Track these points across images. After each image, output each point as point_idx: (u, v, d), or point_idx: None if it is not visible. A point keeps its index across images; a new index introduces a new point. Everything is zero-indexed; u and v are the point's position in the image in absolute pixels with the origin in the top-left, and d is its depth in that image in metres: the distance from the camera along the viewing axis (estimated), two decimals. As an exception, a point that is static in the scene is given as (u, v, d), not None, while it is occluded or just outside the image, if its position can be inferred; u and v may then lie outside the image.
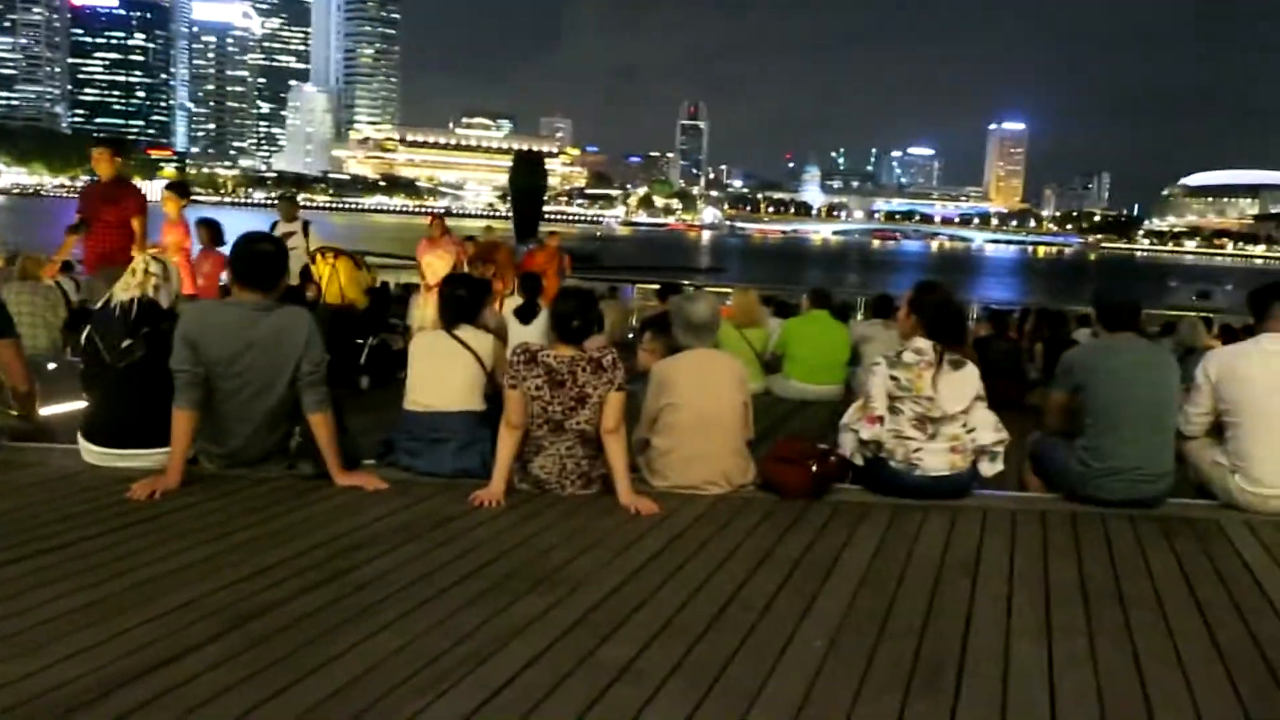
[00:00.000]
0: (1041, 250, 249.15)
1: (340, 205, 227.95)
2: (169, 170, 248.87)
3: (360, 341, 8.66)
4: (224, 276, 8.71)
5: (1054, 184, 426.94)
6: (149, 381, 4.42)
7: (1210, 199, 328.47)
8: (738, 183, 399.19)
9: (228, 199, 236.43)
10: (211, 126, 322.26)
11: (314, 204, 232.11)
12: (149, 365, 4.50)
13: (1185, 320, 12.83)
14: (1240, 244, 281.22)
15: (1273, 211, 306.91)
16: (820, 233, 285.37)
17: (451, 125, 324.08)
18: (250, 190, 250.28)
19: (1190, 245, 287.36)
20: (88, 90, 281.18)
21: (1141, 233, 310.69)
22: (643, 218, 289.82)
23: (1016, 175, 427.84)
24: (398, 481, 4.58)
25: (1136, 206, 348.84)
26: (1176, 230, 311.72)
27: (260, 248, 4.49)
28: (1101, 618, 3.25)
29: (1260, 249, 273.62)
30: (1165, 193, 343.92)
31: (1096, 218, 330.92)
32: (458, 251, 11.95)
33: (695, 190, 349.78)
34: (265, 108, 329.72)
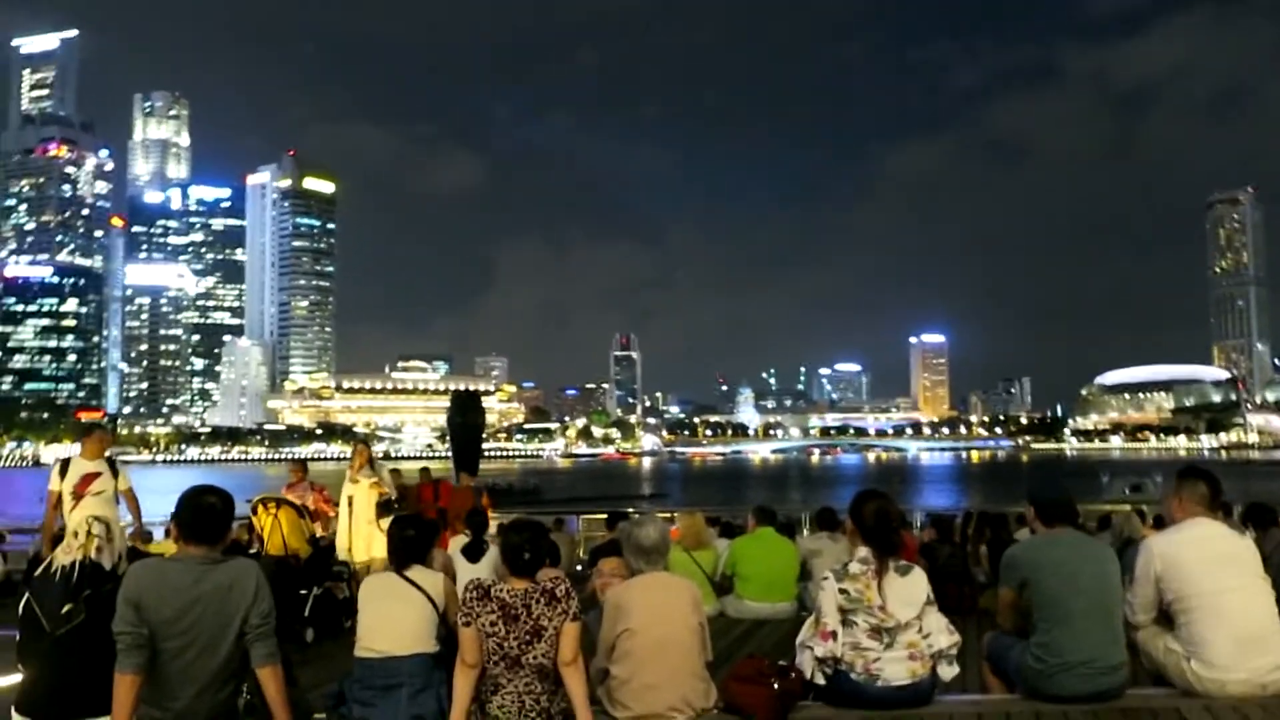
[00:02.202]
0: (975, 455, 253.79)
1: (276, 456, 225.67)
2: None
3: (304, 592, 8.49)
4: None
5: (979, 390, 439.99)
6: (90, 647, 4.31)
7: (1127, 395, 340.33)
8: (674, 408, 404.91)
9: (160, 457, 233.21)
10: (144, 386, 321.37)
11: (249, 456, 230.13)
12: (90, 630, 4.39)
13: (1120, 513, 13.12)
14: (1162, 437, 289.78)
15: (1187, 404, 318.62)
16: (759, 452, 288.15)
17: (387, 370, 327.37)
18: (183, 446, 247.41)
19: (1115, 441, 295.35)
20: (18, 357, 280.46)
21: (1068, 432, 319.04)
22: (582, 449, 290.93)
23: (942, 385, 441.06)
24: (351, 734, 4.43)
25: (1059, 407, 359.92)
26: (1100, 428, 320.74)
27: (206, 500, 4.49)
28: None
29: (1182, 440, 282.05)
30: (1084, 392, 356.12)
31: (1023, 420, 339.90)
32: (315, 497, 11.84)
33: (632, 418, 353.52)
34: (199, 364, 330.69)
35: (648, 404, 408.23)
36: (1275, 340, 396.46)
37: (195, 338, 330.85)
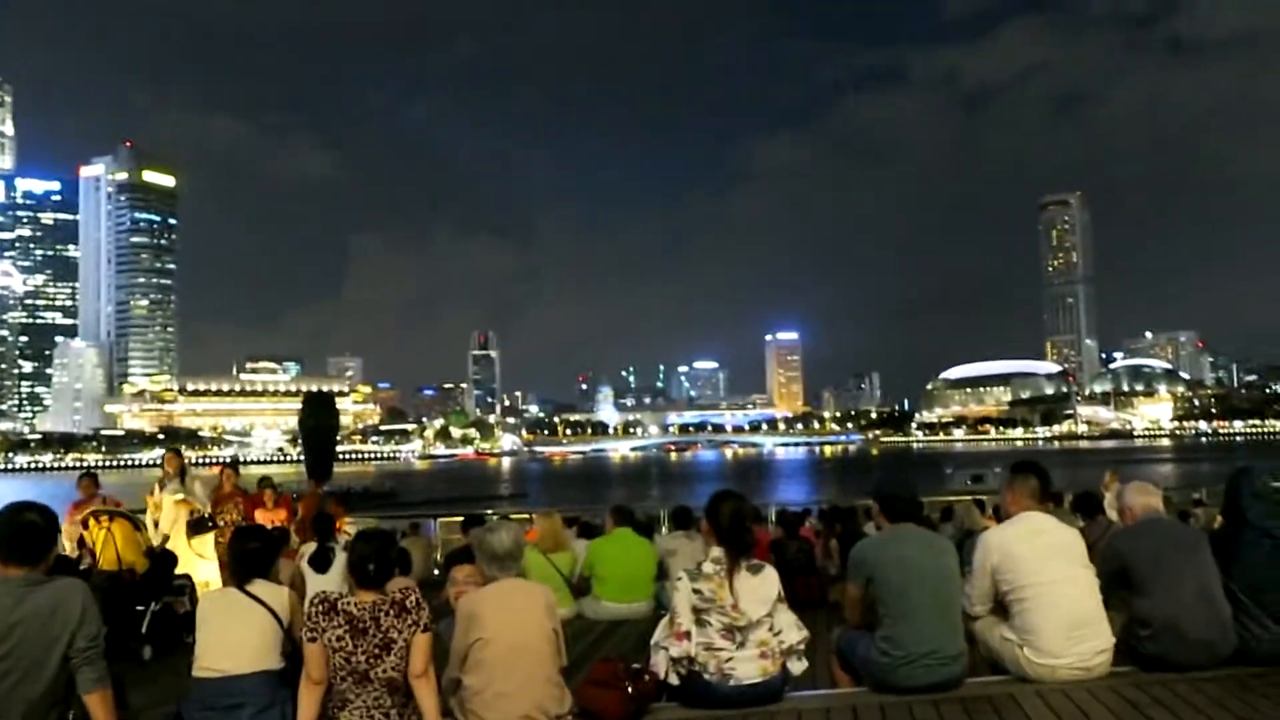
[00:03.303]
0: (828, 450, 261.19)
1: (115, 463, 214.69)
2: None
3: (141, 608, 8.08)
4: None
5: (831, 386, 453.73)
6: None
7: (969, 389, 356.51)
8: (533, 408, 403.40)
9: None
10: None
11: (85, 464, 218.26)
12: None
13: (961, 504, 13.69)
14: (1001, 429, 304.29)
15: (1024, 397, 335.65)
16: (619, 450, 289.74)
17: (235, 371, 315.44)
18: (11, 455, 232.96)
19: (959, 434, 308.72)
20: None
21: (915, 425, 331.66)
22: (441, 450, 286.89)
23: (796, 381, 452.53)
24: (188, 759, 4.23)
25: (906, 402, 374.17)
26: (944, 421, 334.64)
27: (25, 518, 4.20)
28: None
29: (1019, 432, 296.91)
30: (929, 387, 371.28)
31: (873, 415, 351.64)
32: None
33: (492, 418, 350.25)
34: (28, 367, 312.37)
35: (507, 403, 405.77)
36: (1103, 335, 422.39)
37: (23, 339, 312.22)
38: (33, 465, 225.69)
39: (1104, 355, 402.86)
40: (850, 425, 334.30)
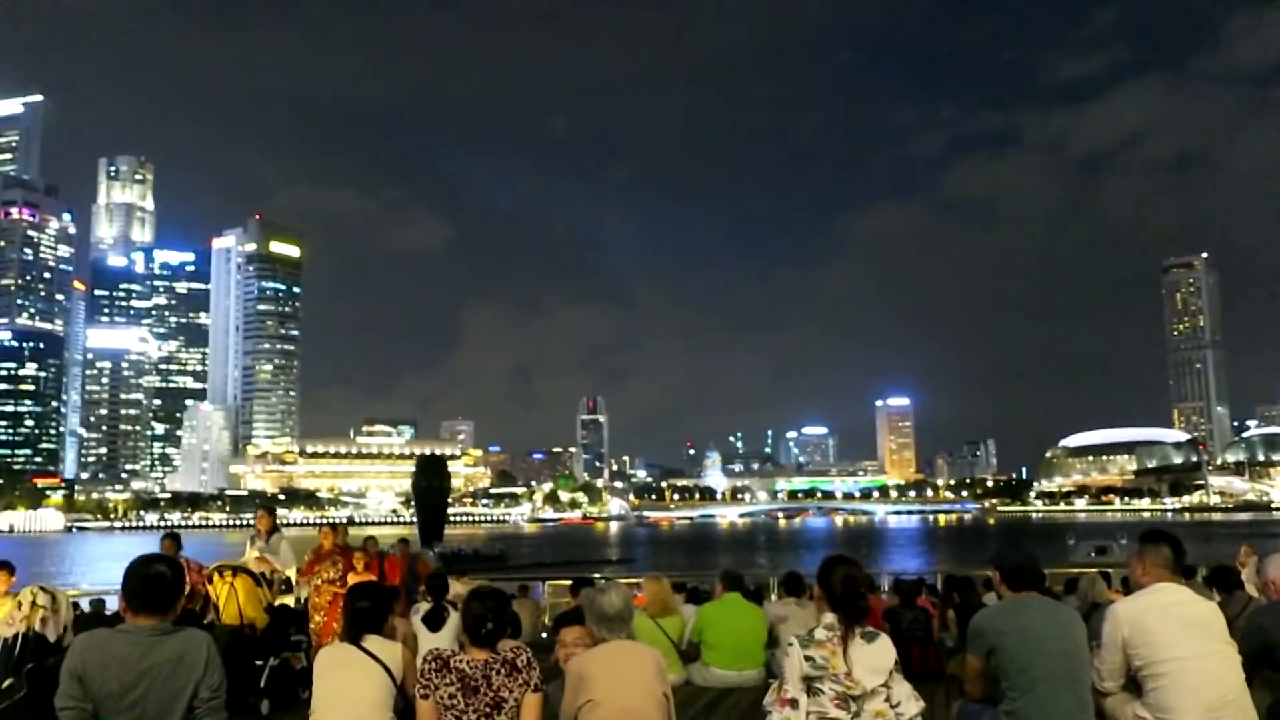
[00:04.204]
0: (942, 518, 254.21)
1: (238, 523, 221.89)
2: (55, 498, 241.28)
3: (260, 663, 8.26)
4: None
5: (944, 453, 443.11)
6: (32, 723, 4.14)
7: (1090, 458, 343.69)
8: (641, 472, 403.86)
9: (118, 523, 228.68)
10: (103, 450, 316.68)
11: (210, 523, 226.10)
12: (32, 705, 4.23)
13: (1086, 576, 13.10)
14: (1126, 499, 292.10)
15: (1150, 466, 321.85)
16: (727, 516, 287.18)
17: (352, 434, 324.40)
18: (143, 513, 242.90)
19: (1080, 503, 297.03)
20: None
21: (1033, 494, 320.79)
22: (549, 513, 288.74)
23: (908, 447, 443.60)
24: (303, 813, 4.28)
25: (1024, 470, 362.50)
26: (1065, 490, 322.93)
27: (155, 570, 4.35)
28: None
29: (1145, 502, 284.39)
30: (1049, 455, 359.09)
31: (989, 483, 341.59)
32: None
33: (599, 482, 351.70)
34: (160, 429, 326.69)
35: (615, 468, 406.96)
36: (1234, 402, 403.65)
37: (156, 402, 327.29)
38: (162, 523, 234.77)
39: (1236, 423, 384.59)
40: (965, 493, 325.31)
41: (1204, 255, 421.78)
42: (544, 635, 13.40)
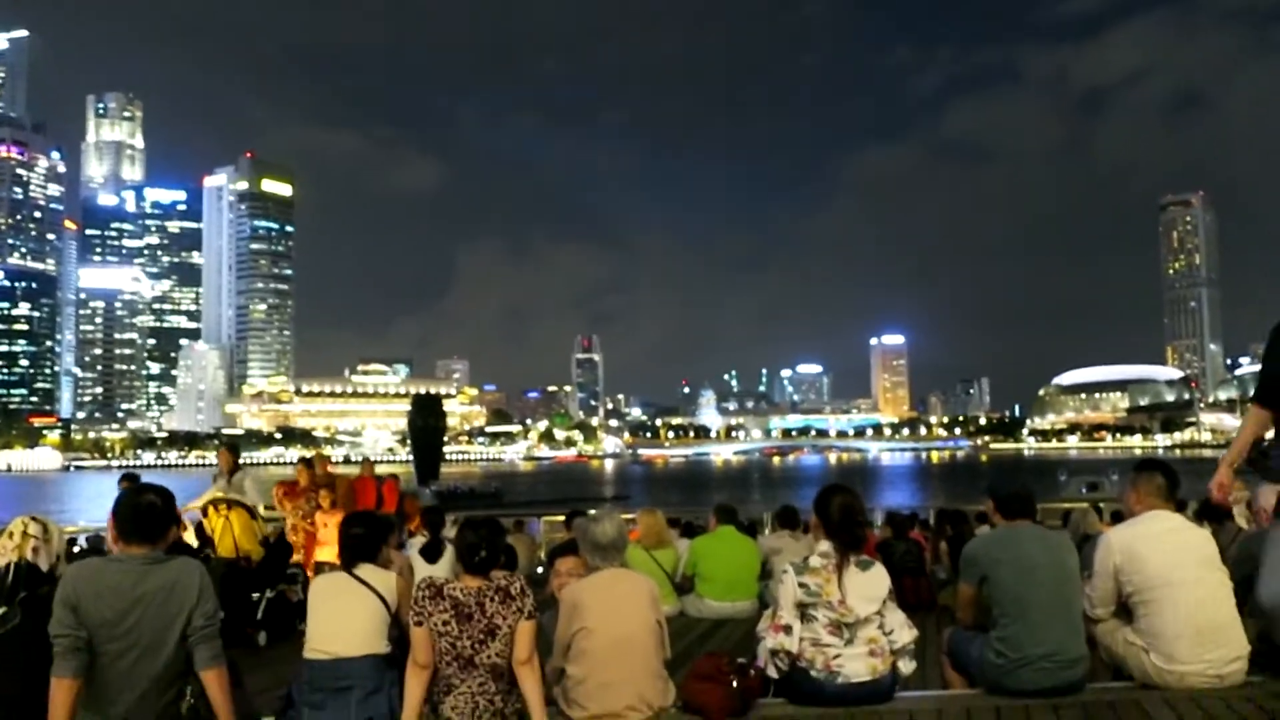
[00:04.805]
0: (935, 455, 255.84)
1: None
2: (52, 438, 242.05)
3: (256, 595, 8.31)
4: None
5: (938, 391, 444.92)
6: (26, 652, 4.14)
7: (1084, 395, 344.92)
8: (636, 411, 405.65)
9: (115, 462, 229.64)
10: (99, 390, 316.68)
11: (206, 461, 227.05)
12: (26, 634, 4.22)
13: (1078, 509, 13.18)
14: (1118, 436, 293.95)
15: (1142, 404, 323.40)
16: (721, 454, 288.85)
17: (347, 373, 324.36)
18: (139, 452, 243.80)
19: (1072, 440, 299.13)
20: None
21: (1026, 432, 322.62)
22: (544, 451, 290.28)
23: (902, 385, 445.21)
24: (299, 738, 4.31)
25: (1017, 407, 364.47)
26: (1058, 427, 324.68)
27: (146, 498, 4.33)
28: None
29: (1137, 439, 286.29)
30: (1041, 393, 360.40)
31: (982, 421, 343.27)
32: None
33: (595, 421, 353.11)
34: (155, 368, 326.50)
35: (610, 406, 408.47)
36: (1227, 340, 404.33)
37: (151, 341, 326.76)
38: (159, 462, 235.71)
39: (1229, 361, 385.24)
40: (958, 431, 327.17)
41: (1200, 193, 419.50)
42: (540, 570, 13.49)
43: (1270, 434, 4.13)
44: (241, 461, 10.99)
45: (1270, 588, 3.71)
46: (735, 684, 4.55)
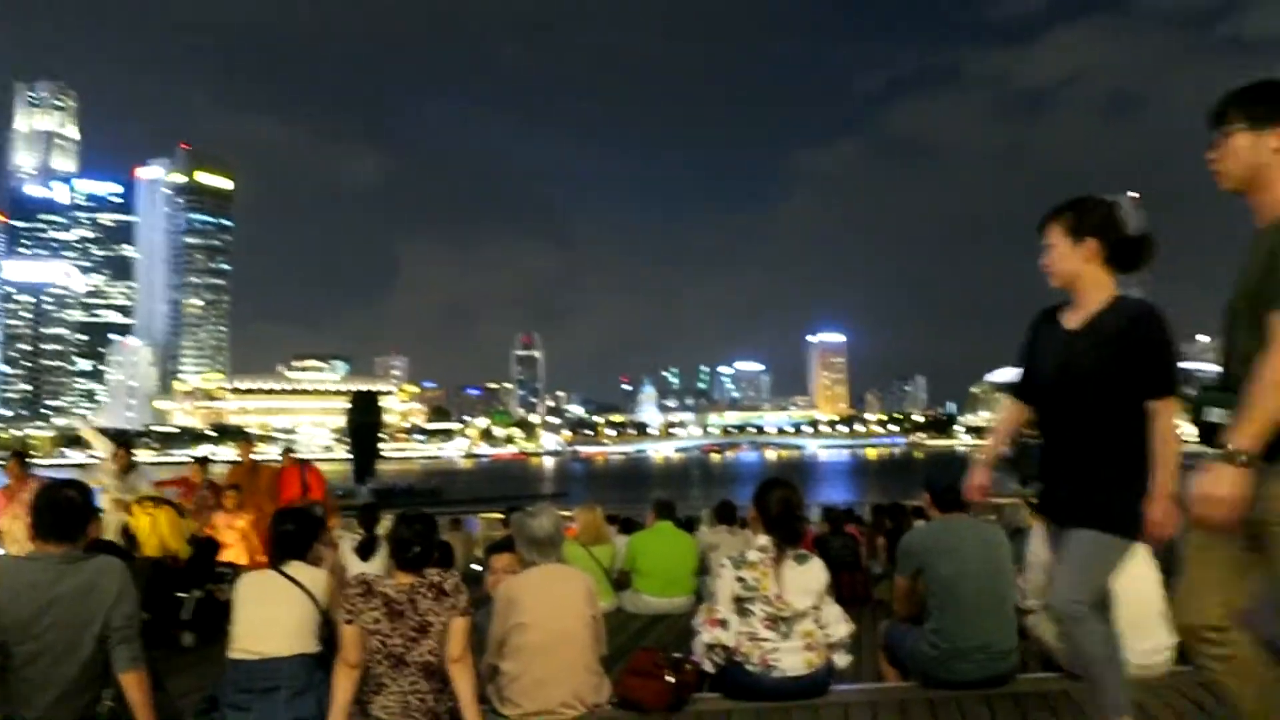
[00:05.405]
0: (872, 452, 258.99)
1: (167, 460, 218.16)
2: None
3: (183, 594, 8.09)
4: None
5: (875, 389, 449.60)
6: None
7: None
8: (576, 408, 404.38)
9: (42, 461, 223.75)
10: (26, 387, 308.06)
11: (137, 460, 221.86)
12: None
13: (1010, 504, 13.39)
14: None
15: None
16: (661, 451, 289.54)
17: (284, 370, 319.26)
18: (66, 450, 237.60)
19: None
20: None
21: (961, 429, 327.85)
22: (484, 449, 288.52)
23: (840, 383, 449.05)
24: (224, 740, 4.19)
25: (954, 405, 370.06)
26: (991, 424, 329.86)
27: (64, 495, 4.18)
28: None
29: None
30: (975, 390, 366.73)
31: (917, 418, 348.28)
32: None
33: (535, 418, 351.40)
34: (85, 364, 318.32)
35: (550, 404, 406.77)
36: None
37: (81, 337, 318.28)
38: (87, 461, 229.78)
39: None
40: (894, 428, 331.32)
41: (1131, 194, 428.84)
42: (476, 567, 13.36)
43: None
44: (135, 460, 10.89)
45: (1061, 594, 3.62)
46: (671, 679, 4.52)
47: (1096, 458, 3.47)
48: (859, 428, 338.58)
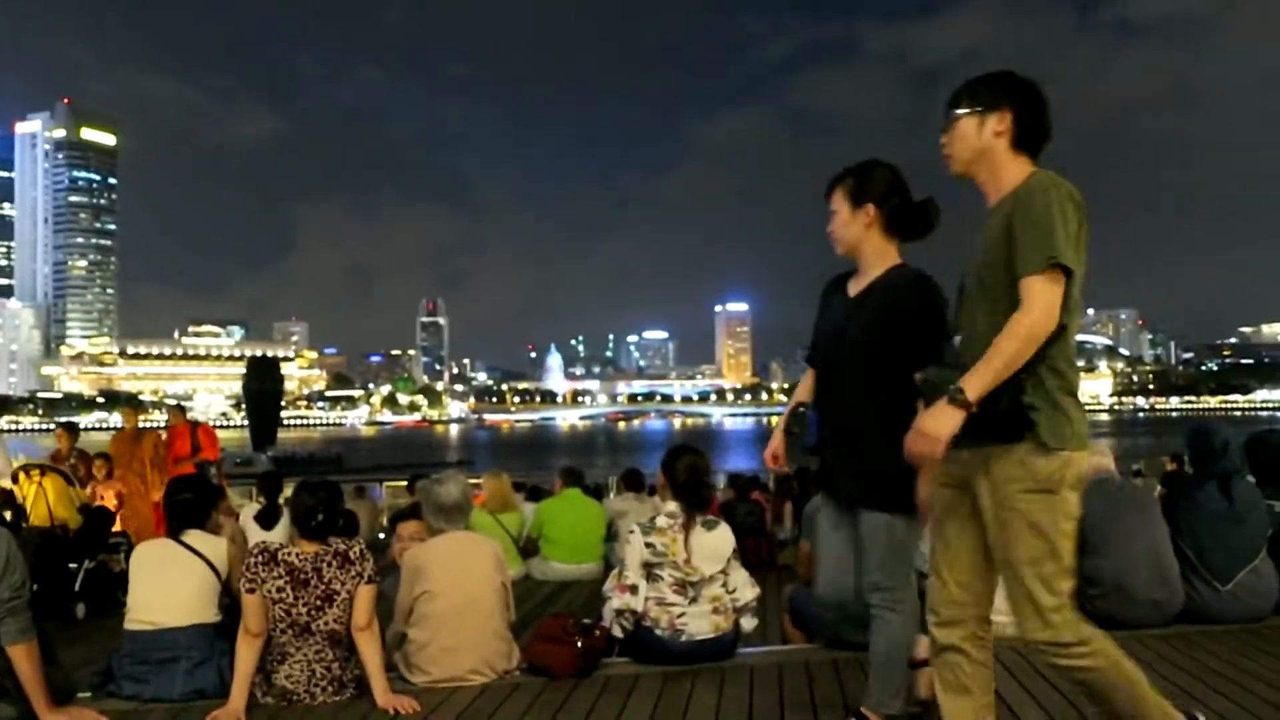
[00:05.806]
0: (776, 420, 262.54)
1: (50, 426, 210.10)
2: None
3: (74, 565, 7.82)
4: None
5: (779, 358, 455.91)
6: None
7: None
8: (482, 376, 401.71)
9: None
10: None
11: (20, 426, 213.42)
12: None
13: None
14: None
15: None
16: (567, 419, 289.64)
17: (177, 335, 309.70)
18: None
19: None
20: None
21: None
22: (388, 416, 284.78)
23: (745, 352, 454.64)
24: (120, 713, 4.08)
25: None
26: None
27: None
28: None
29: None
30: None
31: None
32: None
33: (439, 386, 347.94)
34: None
35: (455, 371, 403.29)
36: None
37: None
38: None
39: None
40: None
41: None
42: (381, 536, 13.21)
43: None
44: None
45: (835, 584, 3.62)
46: (580, 644, 4.53)
47: (866, 429, 3.38)
48: (763, 396, 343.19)
